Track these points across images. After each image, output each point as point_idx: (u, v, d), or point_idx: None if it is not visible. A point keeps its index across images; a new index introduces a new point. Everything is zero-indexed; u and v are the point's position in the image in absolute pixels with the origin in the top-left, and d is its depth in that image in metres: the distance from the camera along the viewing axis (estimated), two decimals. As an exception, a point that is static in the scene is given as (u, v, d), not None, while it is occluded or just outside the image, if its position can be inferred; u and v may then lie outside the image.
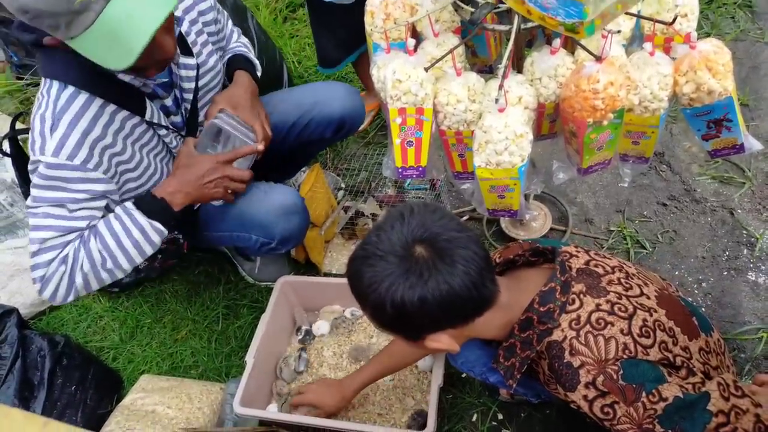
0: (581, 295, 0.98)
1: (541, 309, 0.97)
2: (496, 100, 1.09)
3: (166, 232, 1.40)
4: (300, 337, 1.78)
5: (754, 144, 1.23)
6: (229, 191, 1.48)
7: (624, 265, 1.09)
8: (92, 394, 1.71)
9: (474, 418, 1.57)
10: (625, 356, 0.92)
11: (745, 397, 0.93)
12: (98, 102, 1.28)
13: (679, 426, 0.90)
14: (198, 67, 1.46)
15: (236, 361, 1.80)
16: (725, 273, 1.70)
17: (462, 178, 1.39)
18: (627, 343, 0.93)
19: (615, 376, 0.91)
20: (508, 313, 0.99)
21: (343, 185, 2.17)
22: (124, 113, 1.34)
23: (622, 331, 0.94)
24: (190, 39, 1.45)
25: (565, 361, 0.94)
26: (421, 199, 2.00)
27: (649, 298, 1.02)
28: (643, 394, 0.90)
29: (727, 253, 1.74)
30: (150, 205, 1.37)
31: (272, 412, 1.58)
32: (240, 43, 1.71)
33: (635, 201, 1.91)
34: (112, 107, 1.31)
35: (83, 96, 1.26)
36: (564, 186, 1.96)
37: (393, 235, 0.89)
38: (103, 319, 2.01)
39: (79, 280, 1.33)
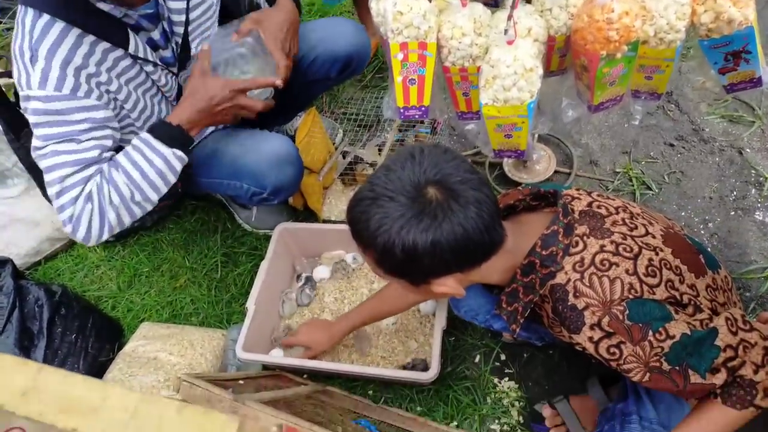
0: (584, 237, 0.95)
1: (544, 252, 0.94)
2: (505, 31, 1.02)
3: (186, 158, 1.38)
4: (301, 284, 1.76)
5: (772, 78, 1.18)
6: (239, 118, 1.45)
7: (628, 206, 1.06)
8: (93, 343, 1.70)
9: (477, 359, 1.57)
10: (630, 296, 0.90)
11: (753, 331, 0.92)
12: (76, 32, 1.21)
13: (686, 362, 0.90)
14: None
15: (237, 308, 1.79)
16: (732, 213, 1.67)
17: (466, 118, 1.34)
18: (633, 282, 0.91)
19: (621, 317, 0.89)
20: (511, 258, 0.96)
21: (340, 130, 2.11)
22: (105, 45, 1.27)
23: (627, 271, 0.92)
24: None
25: (569, 303, 0.92)
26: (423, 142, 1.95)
27: (654, 237, 0.99)
28: (650, 332, 0.89)
29: (735, 193, 1.71)
30: (167, 132, 1.34)
31: (275, 356, 1.58)
32: None
33: (642, 142, 1.87)
34: (91, 38, 1.24)
35: (59, 25, 1.19)
36: (568, 127, 1.90)
37: (403, 175, 0.84)
38: (100, 268, 1.98)
39: (111, 215, 1.32)
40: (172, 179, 1.38)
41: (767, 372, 0.89)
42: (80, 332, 1.70)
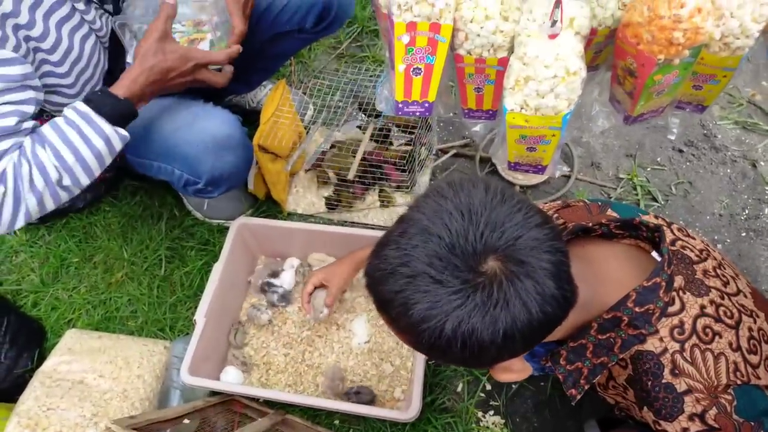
0: (681, 293, 0.76)
1: (638, 310, 0.73)
2: (553, 23, 0.79)
3: (128, 137, 1.15)
4: (257, 299, 1.52)
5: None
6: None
7: (710, 249, 0.87)
8: (8, 350, 1.43)
9: (459, 389, 1.39)
10: (738, 381, 0.72)
11: None
12: None
13: None
14: None
15: (183, 313, 1.53)
16: (743, 234, 1.52)
17: (474, 117, 1.11)
18: (737, 362, 0.73)
19: (729, 408, 0.71)
20: (582, 313, 0.75)
21: (311, 106, 1.83)
22: None
23: (730, 345, 0.74)
24: None
25: (663, 381, 0.73)
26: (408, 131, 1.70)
27: (746, 296, 0.81)
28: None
29: (747, 211, 1.56)
30: (112, 106, 1.11)
31: (227, 383, 1.35)
32: None
33: (648, 144, 1.69)
34: None
35: None
36: (572, 135, 1.70)
37: (453, 242, 0.60)
38: (20, 255, 1.68)
39: (31, 201, 1.07)
40: (109, 161, 1.16)
41: None
42: (-10, 337, 1.42)
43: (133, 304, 1.56)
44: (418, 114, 1.03)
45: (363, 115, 1.71)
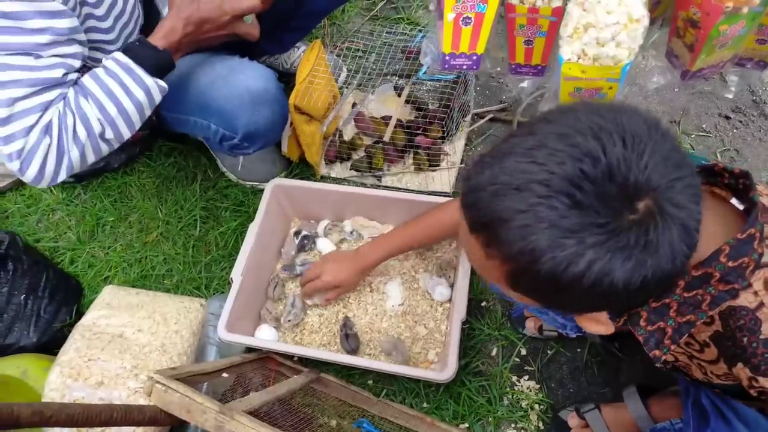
0: None
1: (731, 264, 0.68)
2: (619, -37, 0.75)
3: (167, 89, 1.15)
4: (296, 249, 1.52)
5: None
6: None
7: None
8: (47, 305, 1.45)
9: (494, 353, 1.38)
10: None
11: None
12: None
13: None
14: None
15: (217, 273, 1.54)
16: (792, 203, 1.47)
17: (521, 72, 1.07)
18: None
19: None
20: None
21: (344, 68, 1.80)
22: None
23: None
24: None
25: (762, 337, 0.69)
26: (446, 94, 1.67)
27: None
28: None
29: (796, 180, 1.50)
30: (151, 57, 1.10)
31: (264, 339, 1.35)
32: None
33: (693, 110, 1.63)
34: None
35: None
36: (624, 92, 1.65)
37: (611, 168, 0.53)
38: (56, 213, 1.70)
39: (75, 153, 1.08)
40: (148, 113, 1.17)
41: None
42: (31, 292, 1.44)
43: (168, 263, 1.57)
44: (465, 67, 1.00)
45: (398, 78, 1.67)
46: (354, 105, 1.66)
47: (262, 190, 1.49)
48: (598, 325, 0.69)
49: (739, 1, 0.81)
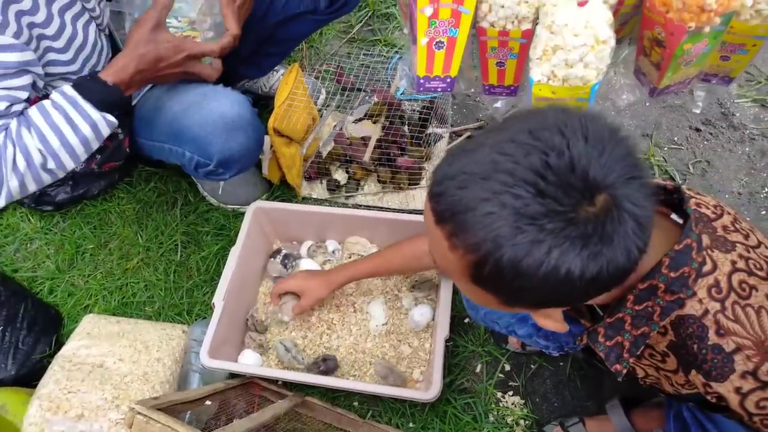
0: (709, 251, 0.73)
1: (672, 275, 0.71)
2: (583, -11, 0.77)
3: (116, 123, 1.14)
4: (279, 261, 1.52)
5: None
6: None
7: (721, 204, 0.85)
8: (25, 336, 1.43)
9: (478, 369, 1.38)
10: None
11: None
12: None
13: None
14: None
15: (200, 297, 1.53)
16: (763, 212, 1.51)
17: (494, 93, 1.10)
18: None
19: None
20: None
21: (323, 90, 1.82)
22: None
23: (767, 296, 0.72)
24: None
25: (710, 343, 0.71)
26: (417, 113, 1.69)
27: (767, 247, 0.79)
28: None
29: (766, 189, 1.54)
30: (100, 92, 1.10)
31: (247, 365, 1.34)
32: None
33: (665, 124, 1.67)
34: None
35: None
36: (595, 110, 1.69)
37: (573, 161, 0.55)
38: (35, 242, 1.68)
39: (14, 182, 1.07)
40: (95, 146, 1.16)
41: None
42: (9, 324, 1.42)
43: (149, 289, 1.56)
44: (439, 90, 1.01)
45: (375, 99, 1.69)
46: (334, 126, 1.68)
47: (243, 213, 1.49)
48: (553, 322, 0.70)
49: (701, 21, 0.84)
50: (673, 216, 0.77)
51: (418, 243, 1.23)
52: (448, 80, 1.00)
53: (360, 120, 1.68)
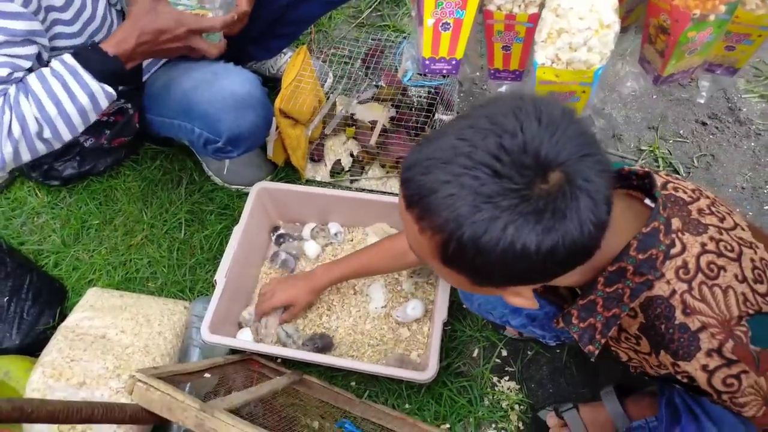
0: (679, 234, 0.75)
1: (641, 256, 0.73)
2: (589, -29, 0.78)
3: (115, 95, 1.15)
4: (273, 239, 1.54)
5: None
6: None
7: (702, 189, 0.86)
8: (30, 308, 1.45)
9: (475, 354, 1.40)
10: (750, 311, 0.72)
11: None
12: None
13: None
14: None
15: (202, 276, 1.55)
16: (766, 207, 1.51)
17: (500, 77, 1.10)
18: (746, 293, 0.73)
19: (745, 339, 0.71)
20: (593, 259, 0.73)
21: (330, 74, 1.83)
22: None
23: (736, 277, 0.73)
24: None
25: (677, 322, 0.73)
26: (424, 99, 1.70)
27: (743, 230, 0.80)
28: None
29: (770, 184, 1.54)
30: (100, 62, 1.10)
31: (247, 341, 1.36)
32: None
33: (671, 117, 1.67)
34: None
35: None
36: (600, 96, 1.69)
37: (526, 142, 0.58)
38: (41, 216, 1.70)
39: (8, 149, 1.08)
40: (94, 117, 1.17)
41: None
42: (14, 294, 1.44)
43: (152, 266, 1.58)
44: (444, 72, 1.02)
45: (382, 83, 1.70)
46: (336, 107, 1.69)
47: (247, 194, 1.50)
48: (523, 299, 0.72)
49: (706, 9, 0.84)
50: (647, 201, 0.78)
51: (400, 241, 1.24)
52: (453, 62, 1.00)
53: (366, 102, 1.69)
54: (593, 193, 0.59)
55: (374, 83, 1.72)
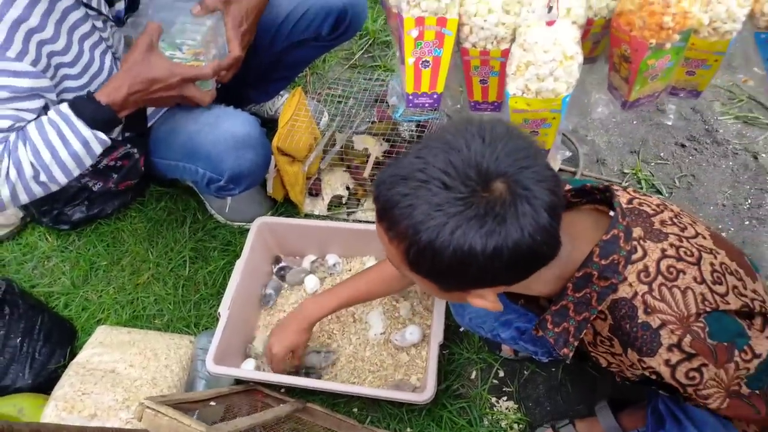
0: (641, 242, 0.82)
1: (603, 262, 0.79)
2: (549, 9, 0.86)
3: (109, 142, 1.21)
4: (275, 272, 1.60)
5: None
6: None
7: (667, 204, 0.93)
8: (41, 347, 1.50)
9: (473, 376, 1.43)
10: (707, 308, 0.78)
11: None
12: None
13: (766, 385, 0.80)
14: None
15: (206, 311, 1.60)
16: (746, 222, 1.56)
17: (480, 108, 1.18)
18: (704, 293, 0.79)
19: (702, 334, 0.77)
20: (560, 267, 0.81)
21: (326, 113, 1.92)
22: None
23: (695, 278, 0.79)
24: None
25: (639, 321, 0.78)
26: (414, 133, 1.78)
27: (705, 238, 0.87)
28: (736, 352, 0.78)
29: (749, 201, 1.60)
30: (92, 111, 1.17)
31: (250, 370, 1.41)
32: None
33: (651, 141, 1.74)
34: None
35: None
36: (574, 120, 1.77)
37: (469, 157, 0.67)
38: (51, 260, 1.76)
39: (4, 191, 1.14)
40: (88, 163, 1.23)
41: None
42: (27, 335, 1.49)
43: (159, 303, 1.63)
44: (427, 105, 1.10)
45: (375, 118, 1.79)
46: (333, 143, 1.77)
47: (248, 230, 1.56)
48: (486, 302, 0.78)
49: (661, 38, 0.92)
50: (612, 213, 0.85)
51: (388, 265, 1.28)
52: (435, 96, 1.08)
53: (361, 134, 1.77)
54: (532, 200, 0.66)
55: (368, 120, 1.81)
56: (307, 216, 1.74)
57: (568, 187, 0.94)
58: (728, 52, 1.01)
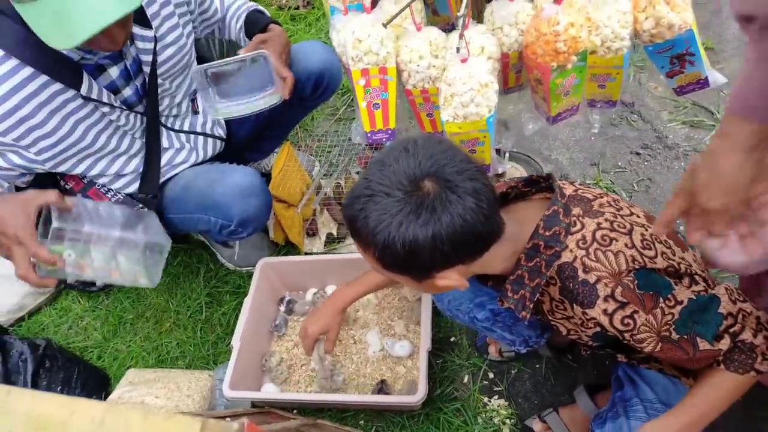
0: (580, 218, 0.98)
1: (547, 233, 0.96)
2: (458, 50, 1.07)
3: None
4: (283, 309, 1.77)
5: (718, 78, 1.23)
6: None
7: (608, 194, 1.09)
8: (79, 394, 1.68)
9: (465, 380, 1.57)
10: (636, 267, 0.92)
11: (747, 302, 0.96)
12: (27, 71, 1.22)
13: (693, 330, 0.93)
14: (156, 40, 1.41)
15: (223, 348, 1.78)
16: (702, 215, 1.70)
17: (432, 138, 1.38)
18: (634, 255, 0.93)
19: (631, 286, 0.91)
20: (512, 244, 0.97)
21: (317, 163, 2.14)
22: (56, 87, 1.27)
23: (626, 244, 0.94)
24: (151, 10, 1.40)
25: (579, 279, 0.93)
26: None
27: (639, 216, 1.03)
28: (660, 299, 0.92)
29: (702, 195, 1.74)
30: None
31: (263, 392, 1.57)
32: (251, 4, 1.68)
33: (609, 153, 1.92)
34: (43, 78, 1.25)
35: (11, 62, 1.21)
36: (537, 144, 1.96)
37: (398, 169, 0.83)
38: (84, 319, 1.97)
39: None
40: None
41: (764, 337, 0.93)
42: (66, 384, 1.68)
43: (180, 346, 1.82)
44: (384, 140, 1.30)
45: (358, 167, 2.00)
46: (320, 187, 1.98)
47: (254, 272, 1.76)
48: (450, 281, 0.92)
49: (560, 60, 1.12)
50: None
51: None
52: (389, 131, 1.28)
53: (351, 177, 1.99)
54: (455, 189, 0.83)
55: (350, 167, 2.02)
56: (307, 254, 1.93)
57: (518, 177, 1.12)
58: (625, 65, 1.20)
